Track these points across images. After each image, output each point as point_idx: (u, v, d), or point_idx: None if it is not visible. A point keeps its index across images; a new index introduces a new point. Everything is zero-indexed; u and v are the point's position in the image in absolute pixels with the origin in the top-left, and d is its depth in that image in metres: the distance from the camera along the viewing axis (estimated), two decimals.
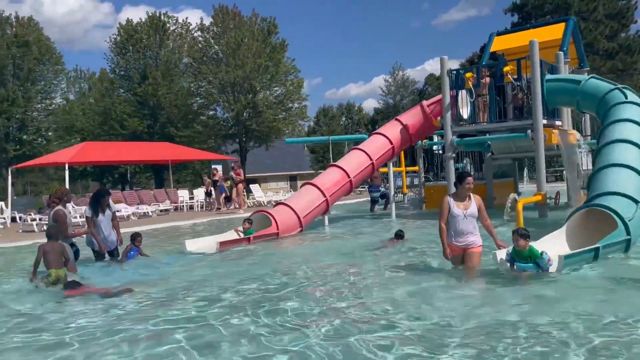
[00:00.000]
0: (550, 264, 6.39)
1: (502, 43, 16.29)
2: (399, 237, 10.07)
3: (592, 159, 10.62)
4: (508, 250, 6.54)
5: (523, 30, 16.95)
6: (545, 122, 12.62)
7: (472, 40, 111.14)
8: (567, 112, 14.19)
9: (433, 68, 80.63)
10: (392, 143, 14.19)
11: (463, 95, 13.50)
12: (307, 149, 58.80)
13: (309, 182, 13.36)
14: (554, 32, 15.26)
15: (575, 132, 14.14)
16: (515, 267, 6.44)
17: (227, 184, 21.19)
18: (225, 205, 21.21)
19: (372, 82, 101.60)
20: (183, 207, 23.40)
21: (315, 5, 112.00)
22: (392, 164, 15.02)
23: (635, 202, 8.14)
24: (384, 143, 14.19)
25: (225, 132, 38.73)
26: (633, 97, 11.06)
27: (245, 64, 35.13)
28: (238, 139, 38.67)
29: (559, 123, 13.71)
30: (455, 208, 6.53)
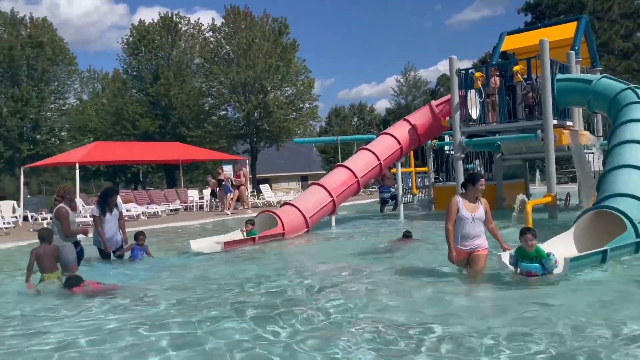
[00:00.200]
0: (556, 266, 6.26)
1: (512, 42, 16.10)
2: (407, 237, 9.99)
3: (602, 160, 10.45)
4: (511, 252, 6.41)
5: (534, 30, 16.74)
6: (556, 122, 12.44)
7: (486, 41, 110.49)
8: (578, 112, 13.98)
9: (445, 68, 79.66)
10: (400, 143, 14.06)
11: (472, 95, 13.36)
12: (317, 150, 58.77)
13: (316, 182, 13.30)
14: (566, 31, 15.05)
15: (587, 132, 13.91)
16: (520, 268, 6.29)
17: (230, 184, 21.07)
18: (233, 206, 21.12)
19: (385, 82, 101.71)
20: (193, 207, 23.47)
21: (329, 6, 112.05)
22: (400, 165, 14.87)
23: None
24: (392, 143, 14.06)
25: (236, 132, 38.84)
26: None
27: (256, 64, 35.20)
28: (249, 139, 38.75)
29: (570, 123, 13.50)
30: (464, 210, 6.31)
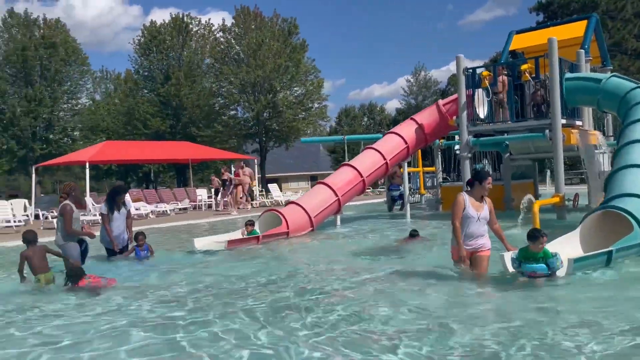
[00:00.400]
0: (561, 267, 6.16)
1: (521, 41, 15.96)
2: (413, 236, 9.94)
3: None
4: (513, 255, 6.27)
5: (543, 28, 16.56)
6: (565, 121, 12.28)
7: (498, 40, 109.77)
8: (588, 111, 13.80)
9: None
10: (406, 143, 13.97)
11: (480, 95, 13.25)
12: (327, 150, 58.71)
13: (321, 181, 13.26)
14: (576, 29, 14.88)
15: (597, 132, 13.73)
16: (524, 270, 6.14)
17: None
18: (239, 205, 21.07)
19: (396, 82, 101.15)
20: (201, 206, 23.57)
21: (341, 6, 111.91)
22: (407, 164, 14.76)
23: None
24: (399, 143, 13.97)
25: (246, 132, 38.93)
26: None
27: (266, 64, 35.26)
28: (258, 139, 38.82)
29: (580, 123, 13.33)
30: (471, 208, 6.20)
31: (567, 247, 7.22)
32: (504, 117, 13.19)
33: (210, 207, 23.53)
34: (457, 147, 18.63)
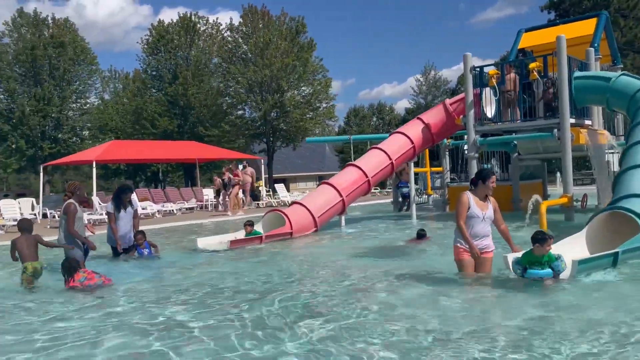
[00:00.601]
0: (565, 269, 6.01)
1: (530, 39, 15.75)
2: (421, 236, 9.83)
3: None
4: (515, 259, 6.07)
5: (553, 26, 16.34)
6: (574, 121, 12.09)
7: (509, 40, 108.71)
8: (597, 111, 13.59)
9: None
10: (412, 142, 13.81)
11: (487, 94, 13.08)
12: (335, 150, 58.60)
13: (325, 181, 13.15)
14: (585, 27, 14.66)
15: (606, 132, 13.51)
16: (529, 275, 5.92)
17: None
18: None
19: (406, 82, 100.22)
20: (208, 205, 23.55)
21: (351, 6, 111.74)
22: (413, 164, 14.61)
23: None
24: (405, 142, 13.82)
25: (253, 131, 38.90)
26: None
27: (273, 64, 35.20)
28: (265, 139, 38.79)
29: (589, 122, 13.13)
30: (476, 208, 6.07)
31: (573, 248, 7.07)
32: (514, 116, 13.00)
33: (217, 207, 23.52)
34: (465, 146, 18.46)
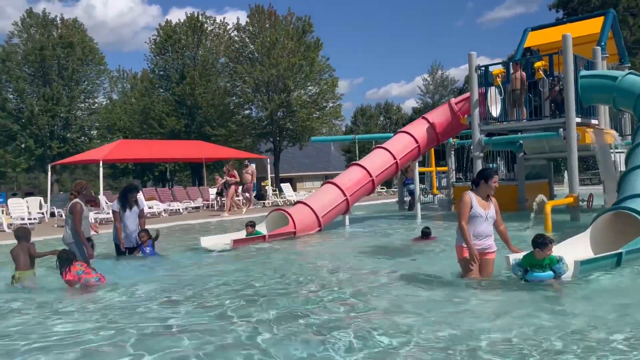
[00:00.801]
0: (567, 270, 5.96)
1: (537, 38, 15.67)
2: (426, 234, 9.81)
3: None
4: (516, 260, 6.01)
5: (559, 25, 16.24)
6: (580, 120, 12.01)
7: (519, 39, 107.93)
8: (604, 110, 13.48)
9: None
10: (417, 142, 13.76)
11: (492, 93, 13.02)
12: (342, 149, 58.56)
13: (329, 180, 13.13)
14: (592, 26, 14.56)
15: (613, 131, 13.40)
16: (530, 278, 5.85)
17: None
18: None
19: (414, 81, 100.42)
20: (214, 204, 23.60)
21: (359, 5, 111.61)
22: (417, 164, 14.57)
23: None
24: (409, 142, 13.77)
25: (260, 131, 38.94)
26: None
27: (280, 63, 35.22)
28: (272, 138, 38.82)
29: (595, 122, 13.04)
30: (478, 207, 6.03)
31: (577, 248, 7.02)
32: (520, 115, 12.92)
33: (223, 206, 23.54)
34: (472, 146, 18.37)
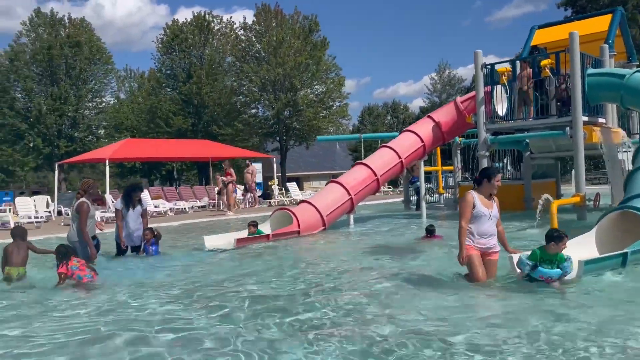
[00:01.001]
0: (572, 270, 5.88)
1: (544, 36, 15.51)
2: (430, 232, 9.80)
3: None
4: (524, 256, 5.91)
5: (567, 23, 16.08)
6: (586, 119, 11.87)
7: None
8: (612, 108, 13.34)
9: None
10: (422, 141, 13.66)
11: (499, 91, 12.91)
12: (348, 148, 58.49)
13: (334, 180, 13.08)
14: (600, 24, 14.40)
15: (621, 130, 13.25)
16: (540, 274, 5.73)
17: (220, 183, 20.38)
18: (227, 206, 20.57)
19: (421, 80, 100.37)
20: (220, 203, 23.58)
21: (366, 4, 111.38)
22: (423, 163, 14.46)
23: None
24: (415, 141, 13.68)
25: (266, 130, 38.95)
26: None
27: (286, 62, 35.21)
28: (278, 137, 38.82)
29: (603, 120, 12.90)
30: (481, 206, 5.95)
31: (582, 248, 6.93)
32: (528, 113, 12.81)
33: (219, 206, 23.53)
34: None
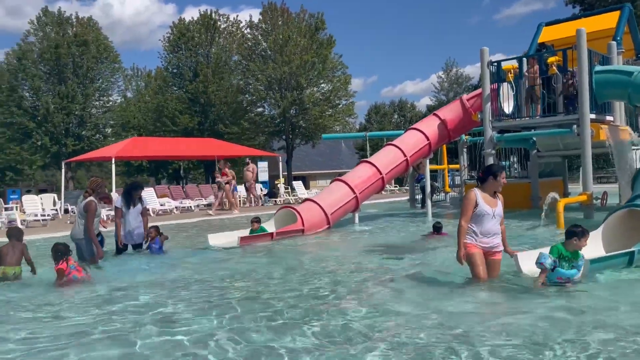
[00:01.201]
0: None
1: (551, 33, 15.39)
2: (437, 229, 9.82)
3: None
4: (545, 254, 5.59)
5: (574, 20, 15.94)
6: (594, 116, 11.77)
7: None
8: (620, 106, 13.21)
9: None
10: (428, 139, 13.60)
11: (505, 89, 12.82)
12: (355, 147, 58.40)
13: (338, 178, 13.02)
14: (608, 21, 14.26)
15: (629, 128, 13.12)
16: (556, 275, 5.54)
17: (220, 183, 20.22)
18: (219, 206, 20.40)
19: (429, 79, 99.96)
20: (225, 202, 23.57)
21: (373, 2, 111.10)
22: (428, 161, 14.39)
23: None
24: (420, 139, 13.61)
25: (273, 128, 38.94)
26: None
27: (292, 61, 35.18)
28: (285, 136, 38.80)
29: (610, 118, 12.78)
30: (484, 204, 5.82)
31: (589, 246, 6.83)
32: (536, 111, 12.70)
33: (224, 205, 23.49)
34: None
